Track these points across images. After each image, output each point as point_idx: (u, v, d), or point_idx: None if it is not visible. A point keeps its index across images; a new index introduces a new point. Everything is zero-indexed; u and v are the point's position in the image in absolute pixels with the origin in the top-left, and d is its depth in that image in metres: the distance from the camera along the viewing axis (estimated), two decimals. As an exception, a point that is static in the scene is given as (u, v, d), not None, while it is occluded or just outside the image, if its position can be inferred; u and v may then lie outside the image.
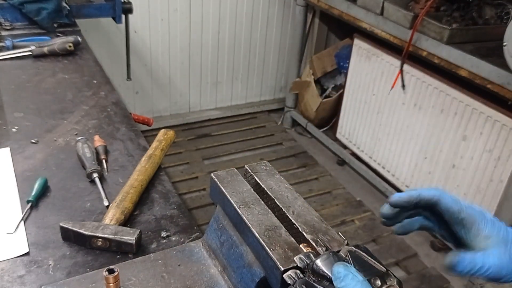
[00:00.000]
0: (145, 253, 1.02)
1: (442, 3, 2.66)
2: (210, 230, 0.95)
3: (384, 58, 2.96)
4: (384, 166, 3.15)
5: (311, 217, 0.84)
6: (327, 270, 0.66)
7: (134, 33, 3.35)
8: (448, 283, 2.63)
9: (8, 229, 1.06)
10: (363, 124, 3.27)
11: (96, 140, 1.37)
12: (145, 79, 3.64)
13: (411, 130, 2.88)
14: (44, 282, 0.94)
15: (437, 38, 2.43)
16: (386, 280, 0.66)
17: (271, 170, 0.96)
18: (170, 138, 1.39)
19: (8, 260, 0.99)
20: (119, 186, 1.19)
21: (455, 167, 2.63)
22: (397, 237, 2.93)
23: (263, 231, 0.80)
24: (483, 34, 2.46)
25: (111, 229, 1.02)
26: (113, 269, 0.81)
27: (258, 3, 3.76)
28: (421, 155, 2.84)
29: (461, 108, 2.53)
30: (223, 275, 0.90)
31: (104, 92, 1.70)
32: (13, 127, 1.45)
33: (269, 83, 4.19)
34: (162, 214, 1.15)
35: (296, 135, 3.93)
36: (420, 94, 2.75)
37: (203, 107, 4.00)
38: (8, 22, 2.13)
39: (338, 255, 0.69)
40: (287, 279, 0.71)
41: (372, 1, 2.79)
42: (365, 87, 3.18)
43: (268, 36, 3.96)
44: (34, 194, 1.14)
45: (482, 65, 2.22)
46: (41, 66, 1.84)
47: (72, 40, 1.95)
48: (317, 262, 0.68)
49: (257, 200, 0.88)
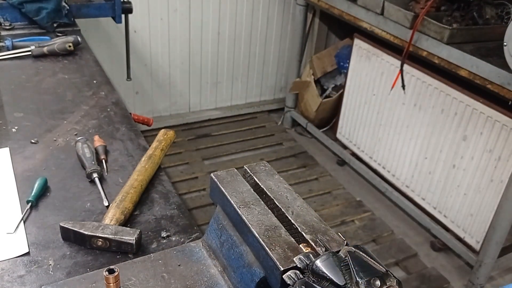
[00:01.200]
0: (145, 253, 1.02)
1: (442, 3, 2.66)
2: (210, 230, 0.95)
3: (384, 58, 2.96)
4: (384, 166, 3.15)
5: (310, 217, 0.84)
6: (326, 270, 0.66)
7: (134, 33, 3.35)
8: (448, 283, 2.63)
9: (8, 229, 1.06)
10: (363, 124, 3.27)
11: (96, 140, 1.37)
12: (145, 79, 3.64)
13: (411, 130, 2.88)
14: (44, 282, 0.94)
15: (438, 38, 2.43)
16: (385, 281, 0.66)
17: (270, 170, 0.96)
18: (170, 138, 1.39)
19: (8, 260, 0.99)
20: (119, 186, 1.19)
21: (455, 167, 2.63)
22: (397, 237, 2.93)
23: (263, 231, 0.80)
24: (484, 34, 2.45)
25: (111, 229, 1.02)
26: (113, 269, 0.80)
27: (258, 3, 3.76)
28: (421, 155, 2.84)
29: (461, 108, 2.52)
30: (223, 275, 0.90)
31: (104, 92, 1.70)
32: (13, 127, 1.45)
33: (269, 83, 4.19)
34: (162, 214, 1.15)
35: (296, 135, 3.93)
36: (420, 94, 2.75)
37: (203, 107, 4.00)
38: (8, 22, 2.13)
39: (337, 256, 0.69)
40: (287, 279, 0.71)
41: (372, 1, 2.79)
42: (365, 87, 3.18)
43: (268, 36, 3.96)
44: (34, 194, 1.14)
45: (482, 65, 2.22)
46: (41, 66, 1.84)
47: (72, 40, 1.95)
48: (316, 262, 0.68)
49: (257, 200, 0.88)
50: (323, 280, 0.66)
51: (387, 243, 2.88)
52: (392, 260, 2.74)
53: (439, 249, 2.85)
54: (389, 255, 2.77)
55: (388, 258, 2.74)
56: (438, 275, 2.67)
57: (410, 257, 2.79)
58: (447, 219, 2.74)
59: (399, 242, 2.89)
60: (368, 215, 3.09)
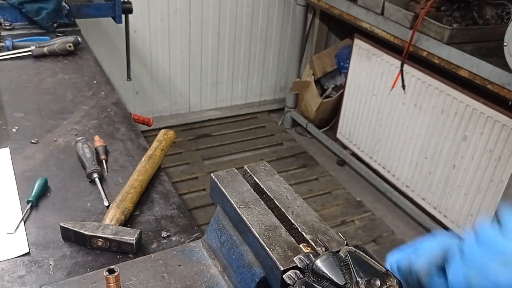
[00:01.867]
0: (146, 253, 1.02)
1: (442, 3, 2.66)
2: (210, 230, 0.95)
3: (384, 58, 2.96)
4: (385, 166, 3.15)
5: (310, 217, 0.84)
6: (326, 270, 0.66)
7: (134, 33, 3.35)
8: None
9: (8, 229, 1.06)
10: (363, 124, 3.26)
11: (96, 140, 1.37)
12: (145, 79, 3.64)
13: (412, 130, 2.88)
14: (44, 282, 0.94)
15: (438, 38, 2.42)
16: (386, 280, 0.66)
17: (270, 170, 0.96)
18: (170, 138, 1.39)
19: (9, 260, 0.99)
20: (119, 186, 1.19)
21: (455, 168, 2.63)
22: (397, 237, 2.93)
23: (263, 231, 0.80)
24: (484, 34, 2.45)
25: (111, 229, 1.02)
26: (114, 269, 0.80)
27: (258, 3, 3.76)
28: (422, 155, 2.84)
29: (462, 108, 2.52)
30: (223, 275, 0.90)
31: (104, 92, 1.70)
32: (13, 127, 1.45)
33: (269, 83, 4.19)
34: (162, 214, 1.15)
35: (296, 135, 3.93)
36: (421, 94, 2.75)
37: (203, 107, 4.00)
38: (8, 22, 2.13)
39: (337, 255, 0.69)
40: (287, 279, 0.71)
41: (372, 1, 2.79)
42: (365, 87, 3.18)
43: (268, 36, 3.96)
44: (34, 194, 1.14)
45: (483, 65, 2.22)
46: (41, 66, 1.84)
47: (72, 40, 1.95)
48: (316, 262, 0.68)
49: (257, 200, 0.88)
50: (323, 280, 0.66)
51: (387, 243, 2.88)
52: (392, 260, 2.74)
53: (439, 249, 2.84)
54: (389, 255, 2.77)
55: (388, 258, 2.74)
56: (438, 275, 2.67)
57: (410, 257, 2.78)
58: (447, 219, 2.74)
59: (399, 242, 2.89)
60: (368, 215, 3.09)
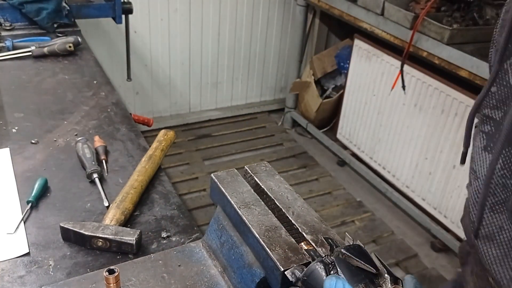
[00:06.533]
0: (146, 253, 1.02)
1: (442, 4, 2.66)
2: (210, 230, 0.95)
3: (384, 58, 2.96)
4: (385, 166, 3.15)
5: (311, 217, 0.84)
6: (314, 283, 0.67)
7: (134, 33, 3.35)
8: (449, 283, 2.62)
9: (8, 229, 1.06)
10: (363, 124, 3.26)
11: (96, 140, 1.37)
12: (145, 79, 3.64)
13: (412, 131, 2.87)
14: (44, 283, 0.94)
15: (438, 39, 2.42)
16: (379, 281, 0.66)
17: (271, 170, 0.96)
18: (170, 138, 1.39)
19: (9, 261, 0.99)
20: (119, 187, 1.19)
21: (455, 168, 2.63)
22: (397, 237, 2.93)
23: (263, 232, 0.80)
24: (484, 35, 2.45)
25: (111, 229, 1.02)
26: (114, 269, 0.80)
27: (258, 3, 3.76)
28: (422, 156, 2.84)
29: (462, 109, 2.52)
30: (223, 275, 0.90)
31: (104, 92, 1.70)
32: (13, 128, 1.44)
33: (269, 84, 4.19)
34: (162, 215, 1.15)
35: (296, 136, 3.93)
36: (421, 94, 2.75)
37: (203, 108, 3.99)
38: (8, 22, 2.13)
39: (324, 263, 0.69)
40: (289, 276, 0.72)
41: (372, 1, 2.79)
42: (365, 88, 3.18)
43: (268, 37, 3.96)
44: (34, 194, 1.14)
45: (483, 66, 2.22)
46: (41, 66, 1.84)
47: (72, 40, 1.95)
48: (306, 273, 0.69)
49: (257, 201, 0.88)
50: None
51: (387, 244, 2.88)
52: (392, 261, 2.74)
53: (439, 250, 2.85)
54: (389, 255, 2.77)
55: (388, 258, 2.74)
56: (438, 275, 2.67)
57: (410, 258, 2.79)
58: (447, 219, 2.74)
59: (399, 242, 2.89)
60: (368, 216, 3.09)
